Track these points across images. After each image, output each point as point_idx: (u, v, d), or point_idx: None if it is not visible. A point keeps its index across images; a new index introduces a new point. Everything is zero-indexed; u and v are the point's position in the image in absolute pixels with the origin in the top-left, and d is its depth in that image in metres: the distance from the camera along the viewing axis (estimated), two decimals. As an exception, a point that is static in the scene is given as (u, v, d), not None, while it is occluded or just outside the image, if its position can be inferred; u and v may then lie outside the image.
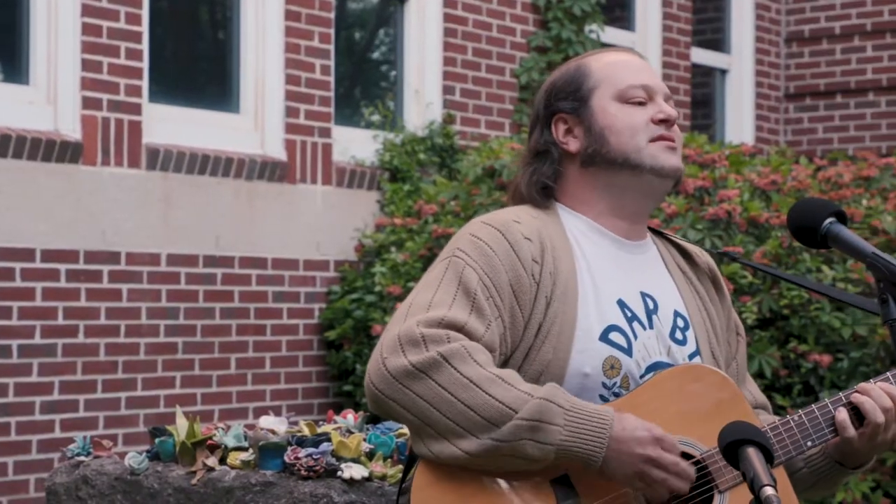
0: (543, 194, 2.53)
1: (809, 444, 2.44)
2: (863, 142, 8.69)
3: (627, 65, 2.55)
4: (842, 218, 2.43)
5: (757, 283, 5.50)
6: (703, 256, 2.68)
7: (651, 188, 2.52)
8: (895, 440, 2.50)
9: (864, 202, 5.78)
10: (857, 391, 2.47)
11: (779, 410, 5.44)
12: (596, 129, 2.50)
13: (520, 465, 2.32)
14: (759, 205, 5.75)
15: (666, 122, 2.51)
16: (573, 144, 2.53)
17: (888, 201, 5.76)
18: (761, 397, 2.69)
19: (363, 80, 7.72)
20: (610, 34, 8.11)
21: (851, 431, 2.44)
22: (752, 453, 2.13)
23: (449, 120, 7.26)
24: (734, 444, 2.16)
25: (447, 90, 7.32)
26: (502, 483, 2.35)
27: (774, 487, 2.07)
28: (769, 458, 2.14)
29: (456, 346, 2.30)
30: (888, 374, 2.51)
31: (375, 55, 7.89)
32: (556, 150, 2.53)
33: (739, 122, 9.04)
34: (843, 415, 2.45)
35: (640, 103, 2.51)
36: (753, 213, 5.70)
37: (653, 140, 2.49)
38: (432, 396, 2.29)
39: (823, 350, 5.42)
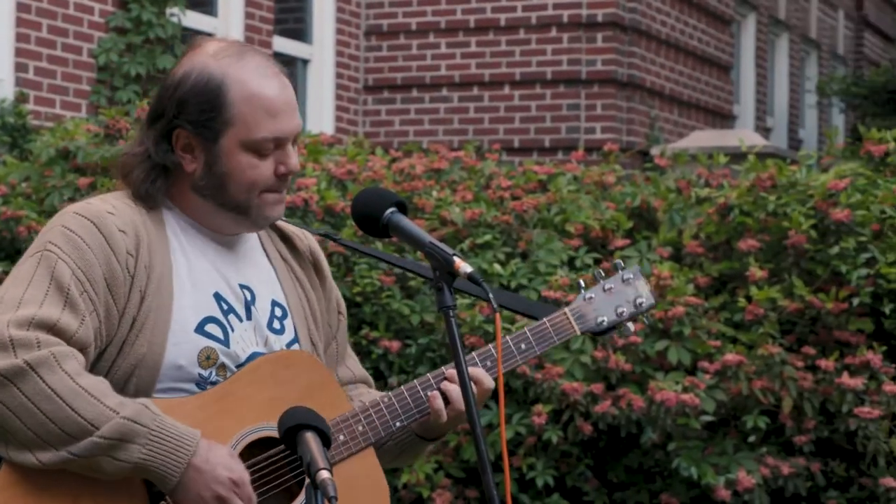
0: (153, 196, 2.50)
1: (398, 423, 2.55)
2: (436, 135, 9.02)
3: (270, 105, 2.45)
4: (402, 208, 2.51)
5: (332, 271, 5.60)
6: (306, 241, 2.71)
7: (250, 227, 2.54)
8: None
9: (435, 193, 6.00)
10: (446, 378, 2.58)
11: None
12: (217, 171, 2.46)
13: (99, 476, 2.31)
14: (335, 193, 5.86)
15: (287, 175, 2.50)
16: (190, 165, 2.47)
17: (456, 193, 6.00)
18: (361, 372, 2.77)
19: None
20: (192, 18, 8.05)
21: (444, 417, 2.56)
22: (310, 438, 2.20)
23: (21, 98, 6.99)
24: (293, 429, 2.22)
25: (20, 68, 7.04)
26: (92, 480, 2.33)
27: (330, 471, 2.13)
28: (326, 441, 2.22)
29: (44, 353, 2.27)
30: (474, 354, 2.62)
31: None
32: (172, 162, 2.48)
33: (320, 111, 9.18)
34: (438, 403, 2.55)
35: (267, 154, 2.48)
36: (330, 202, 5.81)
37: (267, 191, 2.49)
38: (16, 405, 2.26)
39: (393, 336, 5.60)
